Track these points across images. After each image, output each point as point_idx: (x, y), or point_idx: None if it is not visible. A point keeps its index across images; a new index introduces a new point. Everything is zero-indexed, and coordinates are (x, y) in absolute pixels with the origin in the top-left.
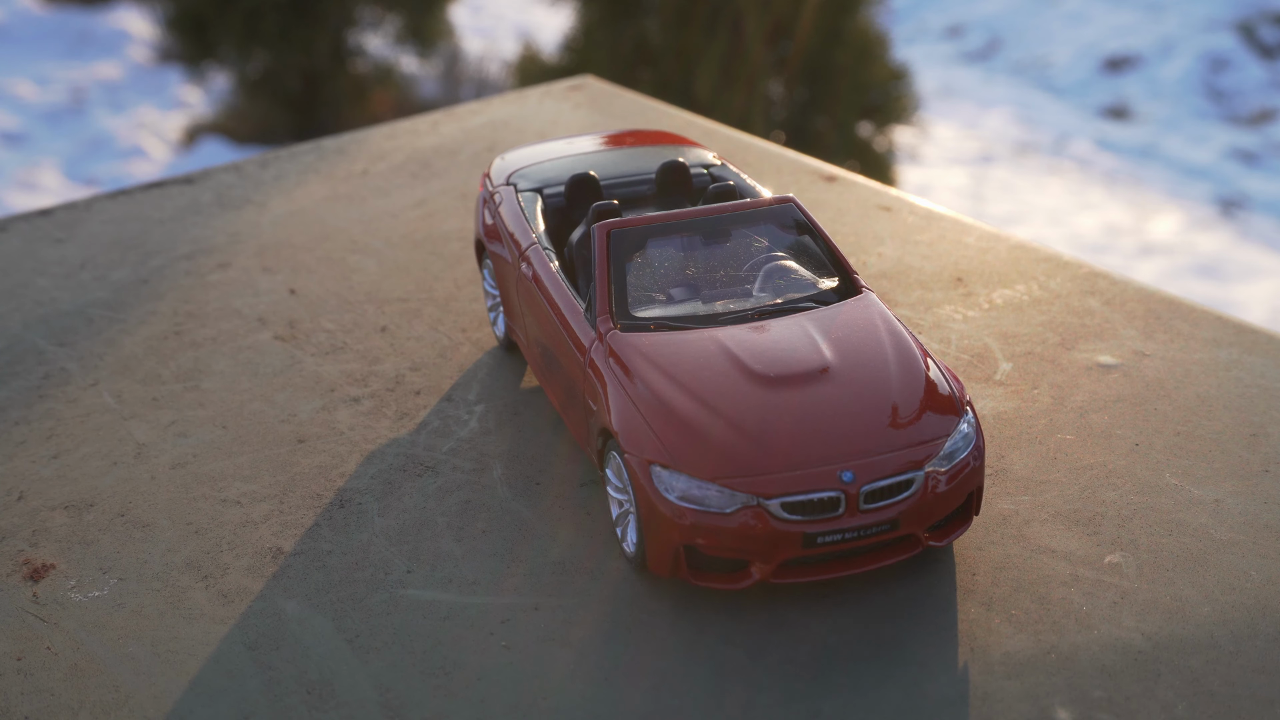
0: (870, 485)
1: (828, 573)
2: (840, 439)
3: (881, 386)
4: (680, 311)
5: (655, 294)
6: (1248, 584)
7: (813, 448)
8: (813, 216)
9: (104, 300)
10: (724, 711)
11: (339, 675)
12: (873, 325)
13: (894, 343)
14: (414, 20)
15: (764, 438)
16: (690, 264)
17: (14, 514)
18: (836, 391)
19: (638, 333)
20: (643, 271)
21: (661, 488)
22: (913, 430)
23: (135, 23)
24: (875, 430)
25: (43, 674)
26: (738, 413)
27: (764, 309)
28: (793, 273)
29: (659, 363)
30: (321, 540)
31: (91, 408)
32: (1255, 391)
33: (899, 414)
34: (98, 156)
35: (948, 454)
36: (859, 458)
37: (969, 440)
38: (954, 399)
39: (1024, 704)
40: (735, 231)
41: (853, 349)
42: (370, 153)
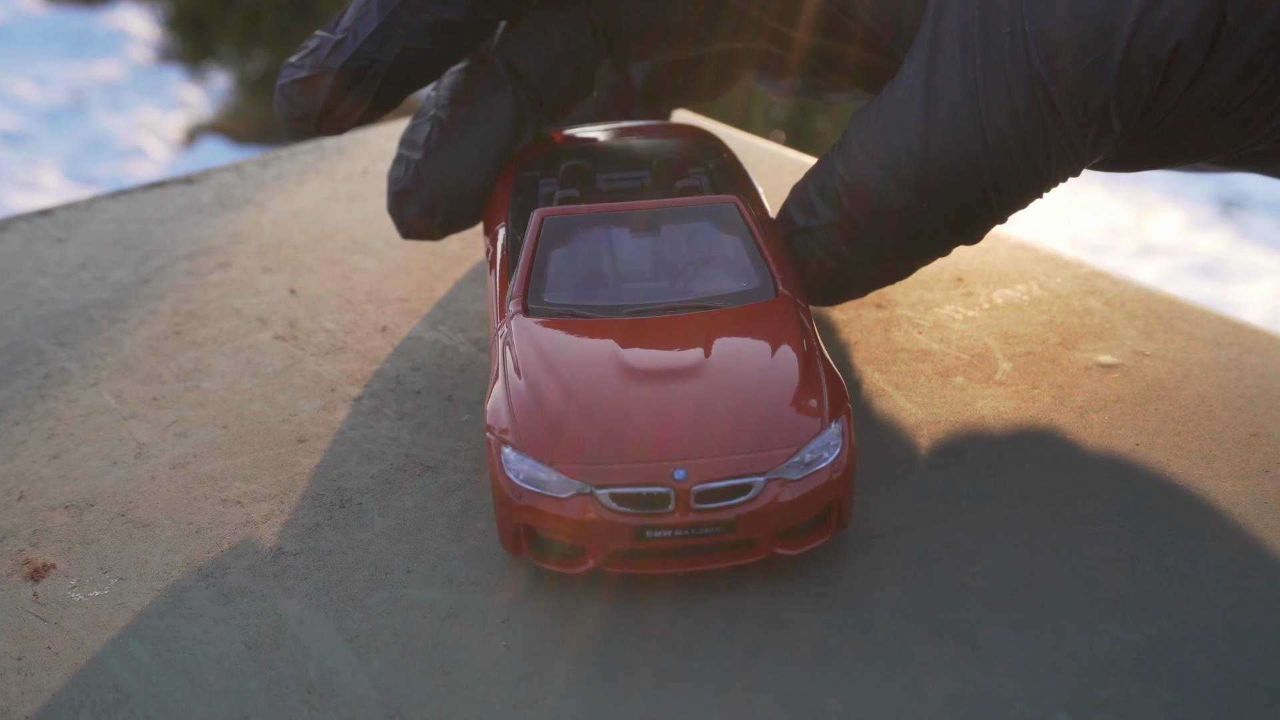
0: (702, 485)
1: (665, 567)
2: (684, 437)
3: (746, 390)
4: (591, 301)
5: (575, 282)
6: (1248, 584)
7: (655, 443)
8: (751, 218)
9: (104, 300)
10: (724, 711)
11: (339, 675)
12: (767, 330)
13: (780, 349)
14: None
15: (613, 430)
16: (618, 255)
17: (14, 514)
18: (698, 391)
19: (538, 317)
20: (569, 259)
21: (508, 468)
22: (764, 436)
23: (135, 23)
24: (722, 432)
25: (43, 674)
26: (595, 403)
27: (672, 305)
28: (716, 272)
29: (543, 348)
30: (322, 540)
31: (92, 407)
32: (1255, 391)
33: (754, 418)
34: (98, 156)
35: (798, 463)
36: (696, 457)
37: (829, 452)
38: (822, 409)
39: (1024, 704)
40: (671, 226)
41: (734, 351)
42: (370, 153)
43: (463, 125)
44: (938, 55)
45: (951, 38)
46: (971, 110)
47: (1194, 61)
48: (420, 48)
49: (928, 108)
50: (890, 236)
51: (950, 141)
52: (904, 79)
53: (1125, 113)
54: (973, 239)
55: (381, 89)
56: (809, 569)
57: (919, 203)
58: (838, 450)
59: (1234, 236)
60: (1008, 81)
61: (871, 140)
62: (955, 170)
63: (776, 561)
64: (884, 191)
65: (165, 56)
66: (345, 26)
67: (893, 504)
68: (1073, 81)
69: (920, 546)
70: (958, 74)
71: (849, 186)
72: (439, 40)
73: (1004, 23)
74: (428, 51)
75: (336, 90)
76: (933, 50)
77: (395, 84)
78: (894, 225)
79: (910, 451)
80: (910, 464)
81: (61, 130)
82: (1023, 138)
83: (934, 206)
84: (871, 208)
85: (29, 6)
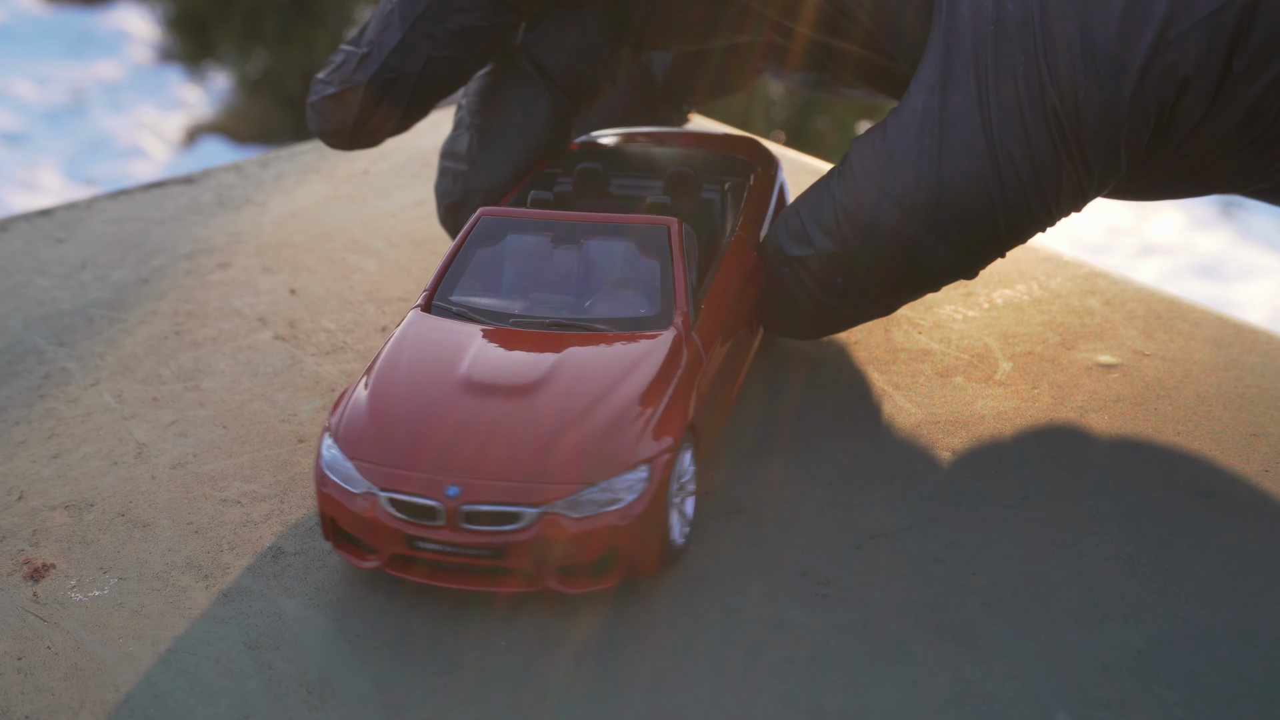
0: (471, 506)
1: (438, 580)
2: (473, 455)
3: (564, 419)
4: (489, 306)
5: (484, 285)
6: (1248, 584)
7: (442, 456)
8: (682, 244)
9: (104, 300)
10: (724, 711)
11: (339, 675)
12: (629, 362)
13: (627, 384)
14: None
15: (413, 436)
16: (537, 264)
17: (14, 514)
18: (517, 412)
19: (435, 314)
20: (492, 261)
21: (321, 455)
22: (552, 467)
23: (135, 23)
24: (512, 456)
25: (43, 674)
26: (415, 408)
27: (559, 321)
28: (622, 294)
29: (411, 345)
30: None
31: (92, 407)
32: (1255, 391)
33: (555, 449)
34: (98, 156)
35: (580, 502)
36: (475, 477)
37: (628, 495)
38: (633, 452)
39: (1024, 704)
40: (598, 242)
41: (578, 379)
42: (370, 152)
43: (500, 129)
44: (950, 84)
45: (965, 67)
46: (985, 141)
47: (1201, 102)
48: (445, 56)
49: (940, 137)
50: (892, 268)
51: (963, 172)
52: (912, 107)
53: (1134, 149)
54: (973, 272)
55: (411, 99)
56: (809, 569)
57: (927, 234)
58: (634, 497)
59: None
60: (1022, 113)
61: (877, 168)
62: (967, 201)
63: (776, 562)
64: (890, 221)
65: (165, 56)
66: (370, 40)
67: (893, 504)
68: (1086, 116)
69: (920, 546)
70: (971, 104)
71: (850, 215)
72: (463, 47)
73: (1018, 55)
74: (453, 59)
75: (367, 104)
76: (945, 79)
77: (424, 93)
78: (898, 256)
79: (910, 451)
80: (910, 464)
81: (61, 130)
82: (1036, 170)
83: (942, 238)
84: (875, 237)
85: (29, 6)
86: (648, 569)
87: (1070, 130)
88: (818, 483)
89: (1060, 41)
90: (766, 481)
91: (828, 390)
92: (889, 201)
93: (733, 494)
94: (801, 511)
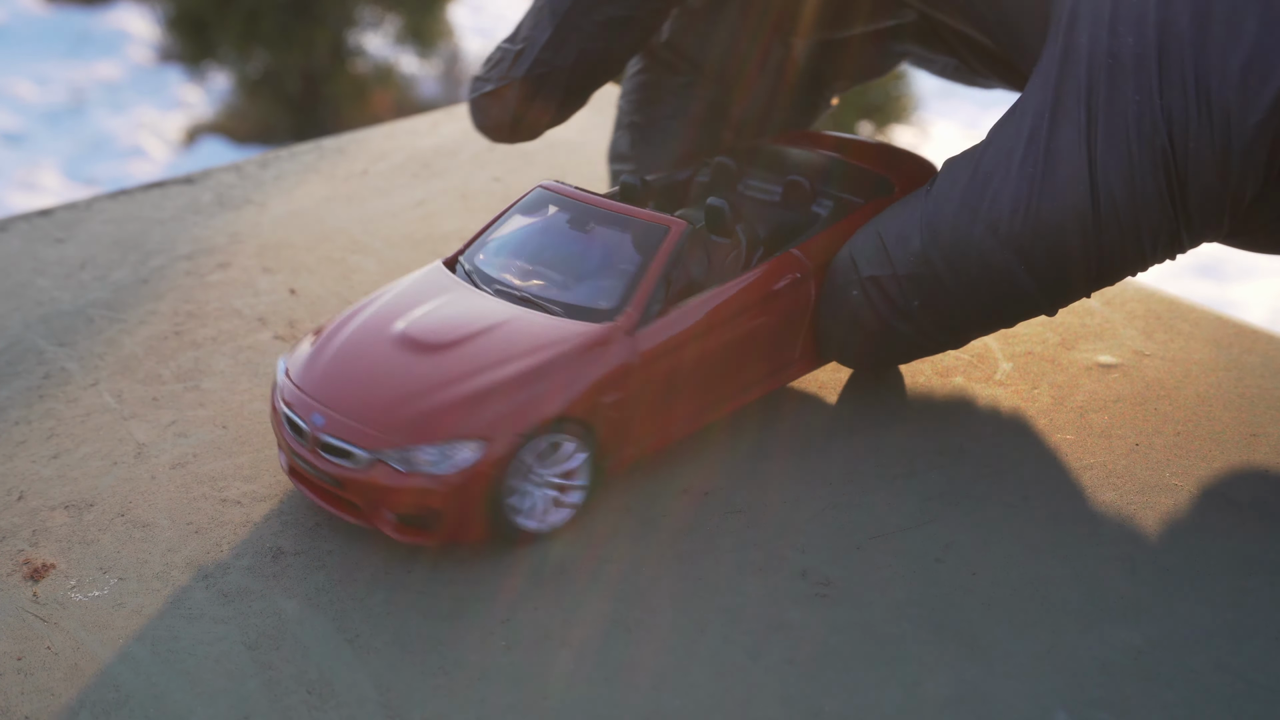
0: (326, 436)
1: (311, 492)
2: (354, 395)
3: (440, 381)
4: (486, 270)
5: (501, 252)
6: (1248, 584)
7: (335, 390)
8: (673, 248)
9: (104, 300)
10: (724, 711)
11: (339, 675)
12: (537, 346)
13: (515, 366)
14: (414, 20)
15: (330, 369)
16: (548, 241)
17: (14, 514)
18: (415, 366)
19: (443, 270)
20: (521, 231)
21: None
22: (400, 422)
23: (135, 23)
24: (378, 403)
25: (43, 674)
26: (347, 347)
27: (524, 297)
28: (593, 282)
29: (393, 293)
30: (321, 540)
31: (92, 408)
32: (1255, 391)
33: (410, 405)
34: (98, 156)
35: (409, 458)
36: (338, 413)
37: (442, 464)
38: (468, 425)
39: (1024, 704)
40: (605, 230)
41: (487, 350)
42: (370, 153)
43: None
44: (1060, 113)
45: (1076, 98)
46: (1089, 177)
47: None
48: (595, 47)
49: (1044, 166)
50: (975, 297)
51: (1062, 205)
52: (1017, 131)
53: (1238, 204)
54: (1054, 310)
55: (565, 92)
56: (809, 569)
57: (1016, 264)
58: (455, 466)
59: None
60: (1130, 154)
61: (972, 190)
62: (1061, 236)
63: (776, 562)
64: (980, 246)
65: (165, 56)
66: (524, 36)
67: (893, 504)
68: (1195, 166)
69: (920, 546)
70: (1079, 138)
71: (938, 236)
72: (613, 38)
73: (1131, 94)
74: (603, 50)
75: (523, 99)
76: (1055, 107)
77: (577, 86)
78: (983, 284)
79: (910, 452)
80: (910, 464)
81: (61, 130)
82: (1136, 213)
83: (1031, 270)
84: (961, 261)
85: (29, 6)
86: (471, 538)
87: (1177, 178)
88: (818, 483)
89: (1176, 85)
90: (766, 481)
91: (827, 390)
92: (981, 225)
93: (733, 494)
94: (801, 511)
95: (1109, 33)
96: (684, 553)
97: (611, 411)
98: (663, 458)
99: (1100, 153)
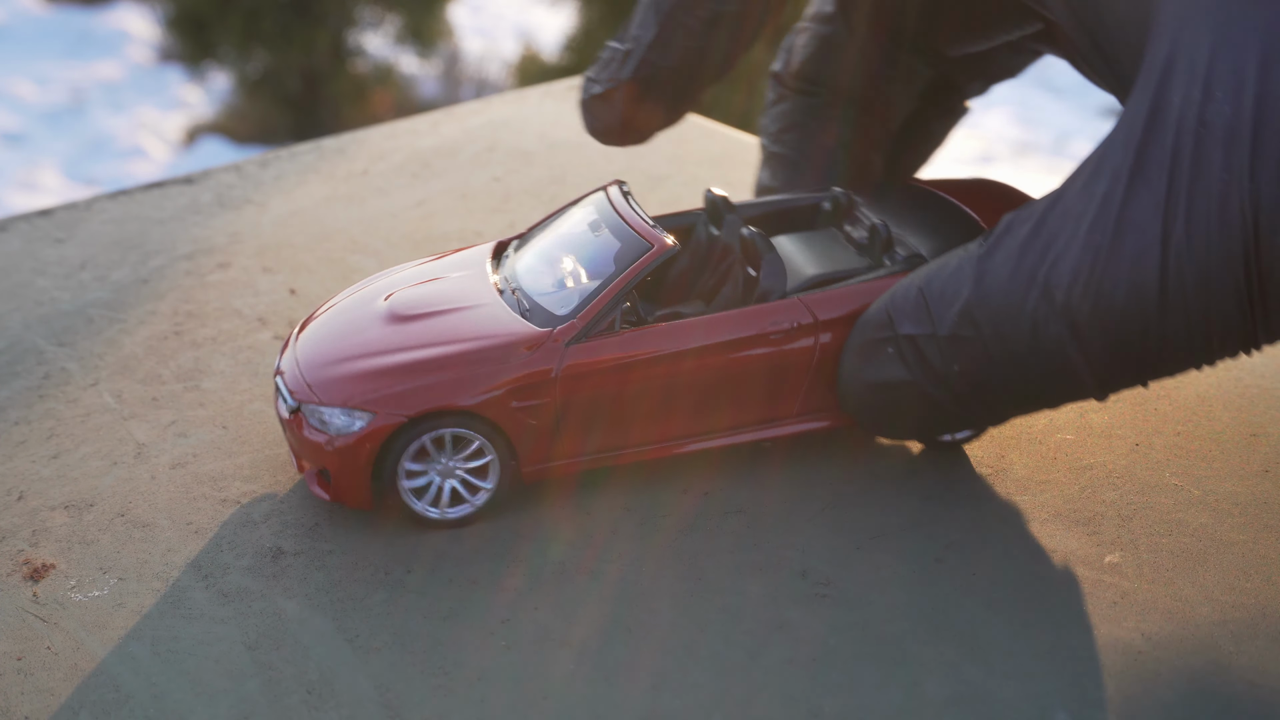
0: (277, 379)
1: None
2: (319, 350)
3: (377, 351)
4: (513, 258)
5: (539, 243)
6: (1247, 584)
7: (312, 338)
8: (641, 268)
9: (104, 300)
10: (724, 711)
11: (339, 675)
12: (476, 335)
13: (443, 349)
14: (414, 20)
15: (325, 319)
16: (569, 239)
17: (14, 514)
18: (372, 332)
19: (485, 254)
20: (561, 226)
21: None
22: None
23: (135, 23)
24: (322, 359)
25: (43, 674)
26: (342, 310)
27: (514, 288)
28: (568, 286)
29: (417, 268)
30: (321, 540)
31: (91, 408)
32: (1255, 391)
33: (342, 369)
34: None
35: (316, 415)
36: (295, 365)
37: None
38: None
39: (1024, 704)
40: (607, 238)
41: (433, 331)
42: (370, 153)
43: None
44: (1139, 179)
45: (1159, 165)
46: (1160, 256)
47: None
48: (700, 45)
49: (1113, 235)
50: (1020, 369)
51: (1126, 280)
52: (1088, 193)
53: None
54: (1104, 395)
55: (674, 92)
56: (809, 569)
57: (1069, 339)
58: (341, 431)
59: None
60: (1209, 238)
61: (1031, 252)
62: (1122, 317)
63: (776, 562)
64: (1034, 315)
65: (165, 56)
66: (632, 35)
67: (893, 504)
68: None
69: (920, 546)
70: (1156, 210)
71: (987, 297)
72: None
73: (1219, 169)
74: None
75: (631, 100)
76: (1135, 171)
77: (684, 86)
78: (1031, 357)
79: (910, 452)
80: (910, 464)
81: (61, 130)
82: (1207, 304)
83: (1084, 348)
84: (1011, 328)
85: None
86: (355, 504)
87: (1258, 272)
88: (818, 483)
89: (1271, 165)
90: (766, 481)
91: None
92: (1037, 292)
93: (733, 494)
94: (801, 511)
95: (1203, 93)
96: (684, 553)
97: (526, 417)
98: (662, 458)
99: (1176, 230)
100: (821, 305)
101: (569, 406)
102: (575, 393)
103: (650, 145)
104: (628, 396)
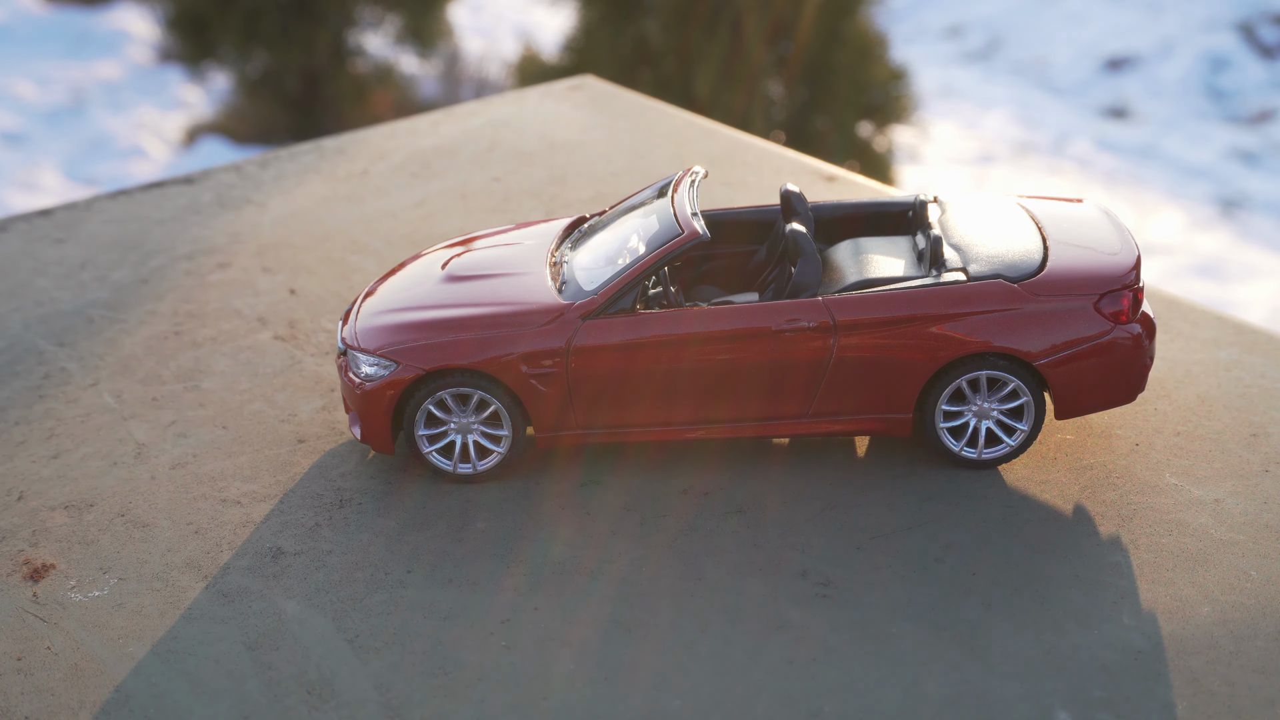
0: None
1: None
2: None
3: (420, 306)
4: (584, 231)
5: (609, 219)
6: (1248, 584)
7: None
8: (667, 252)
9: (104, 300)
10: (724, 711)
11: (339, 675)
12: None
13: (474, 310)
14: (414, 20)
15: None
16: (620, 220)
17: (14, 514)
18: (425, 288)
19: (558, 231)
20: (620, 210)
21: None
22: (364, 331)
23: (135, 23)
24: (374, 308)
25: (43, 674)
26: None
27: (559, 263)
28: (606, 263)
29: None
30: (321, 540)
31: (91, 408)
32: (1255, 391)
33: (384, 319)
34: (98, 156)
35: (355, 359)
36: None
37: (363, 371)
38: (395, 354)
39: (1024, 704)
40: (653, 219)
41: (475, 292)
42: (370, 153)
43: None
44: None
45: None
46: None
47: None
48: None
49: None
50: None
51: None
52: None
53: None
54: None
55: None
56: (809, 569)
57: None
58: (369, 378)
59: (1234, 236)
60: None
61: None
62: None
63: (776, 562)
64: None
65: (165, 56)
66: None
67: (893, 504)
68: None
69: (920, 546)
70: None
71: None
72: None
73: None
74: None
75: None
76: None
77: None
78: None
79: (910, 452)
80: (910, 464)
81: (61, 130)
82: None
83: None
84: None
85: (29, 6)
86: (377, 446)
87: None
88: (818, 483)
89: None
90: (766, 481)
91: None
92: None
93: (733, 494)
94: (801, 511)
95: None
96: (684, 553)
97: (538, 384)
98: (663, 457)
99: None
100: (843, 308)
101: (580, 379)
102: (585, 366)
103: (650, 145)
104: (635, 376)
